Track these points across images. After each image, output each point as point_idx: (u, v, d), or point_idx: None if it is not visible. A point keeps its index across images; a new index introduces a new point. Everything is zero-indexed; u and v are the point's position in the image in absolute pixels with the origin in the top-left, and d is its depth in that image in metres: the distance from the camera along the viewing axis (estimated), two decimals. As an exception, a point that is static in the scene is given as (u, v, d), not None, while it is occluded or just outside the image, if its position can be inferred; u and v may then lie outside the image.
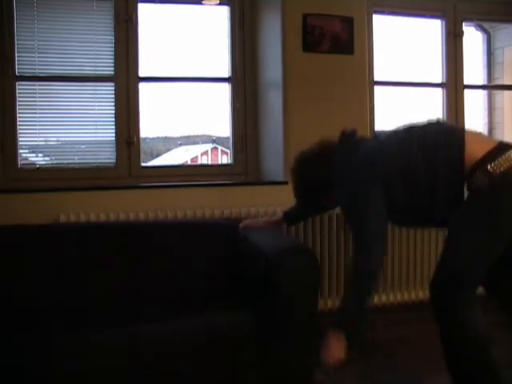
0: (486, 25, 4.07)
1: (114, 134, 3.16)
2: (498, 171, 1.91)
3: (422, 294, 3.32)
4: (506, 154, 1.94)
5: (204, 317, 2.22)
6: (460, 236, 1.99)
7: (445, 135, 2.05)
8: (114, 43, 3.14)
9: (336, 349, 1.93)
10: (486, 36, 4.11)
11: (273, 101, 3.26)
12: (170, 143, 3.94)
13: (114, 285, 2.48)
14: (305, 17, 3.14)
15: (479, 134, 2.22)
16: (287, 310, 2.18)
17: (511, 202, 1.93)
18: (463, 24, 3.75)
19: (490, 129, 4.13)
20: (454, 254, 1.99)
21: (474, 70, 3.96)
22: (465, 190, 1.97)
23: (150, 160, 3.64)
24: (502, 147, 1.98)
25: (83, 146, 3.21)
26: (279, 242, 2.44)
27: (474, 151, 1.96)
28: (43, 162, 3.12)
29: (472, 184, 1.94)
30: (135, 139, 3.18)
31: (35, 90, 3.07)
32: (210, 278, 2.60)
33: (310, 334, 2.22)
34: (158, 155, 3.83)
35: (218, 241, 2.68)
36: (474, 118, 4.09)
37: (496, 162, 1.92)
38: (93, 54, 3.13)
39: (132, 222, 2.85)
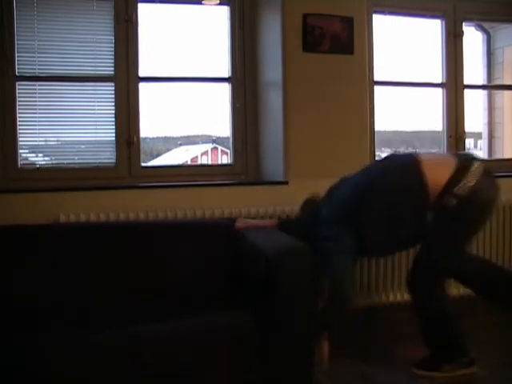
0: (486, 25, 4.07)
1: (113, 134, 3.16)
2: (463, 192, 2.27)
3: (422, 293, 3.32)
4: (470, 171, 2.29)
5: (204, 317, 2.22)
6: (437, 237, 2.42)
7: (403, 175, 2.42)
8: (114, 43, 3.14)
9: (326, 348, 2.33)
10: (485, 36, 4.12)
11: (273, 101, 3.25)
12: (170, 143, 3.94)
13: (114, 285, 2.48)
14: (305, 17, 3.14)
15: (434, 158, 2.56)
16: (287, 310, 2.18)
17: (476, 213, 2.37)
18: (463, 24, 3.75)
19: (490, 129, 4.14)
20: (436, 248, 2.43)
21: (474, 69, 3.96)
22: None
23: (150, 160, 3.64)
24: (465, 165, 2.34)
25: (83, 146, 3.21)
26: (279, 242, 2.44)
27: (437, 179, 2.32)
28: (43, 162, 3.12)
29: (441, 207, 2.31)
30: (135, 139, 3.18)
31: (35, 90, 3.07)
32: (210, 278, 2.60)
33: (309, 334, 2.23)
34: (158, 155, 3.83)
35: (217, 241, 2.68)
36: (474, 118, 4.09)
37: (462, 184, 2.27)
38: (93, 54, 3.13)
39: (132, 222, 2.85)
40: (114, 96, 3.15)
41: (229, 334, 2.16)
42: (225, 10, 3.38)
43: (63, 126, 3.14)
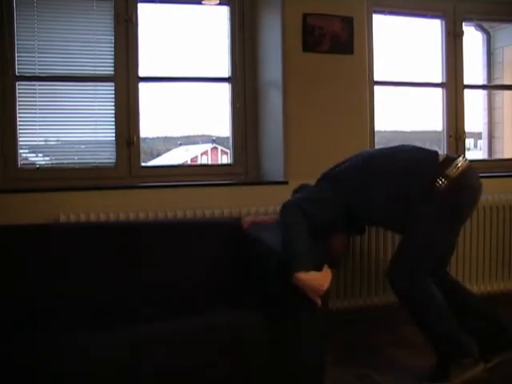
0: (485, 25, 4.08)
1: (113, 134, 3.16)
2: (453, 174, 2.38)
3: (422, 294, 3.32)
4: (457, 160, 2.41)
5: (204, 317, 2.22)
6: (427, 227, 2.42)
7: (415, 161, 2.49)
8: (114, 43, 3.14)
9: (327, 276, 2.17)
10: (485, 36, 4.12)
11: (273, 101, 3.26)
12: (170, 143, 3.94)
13: (114, 285, 2.48)
14: (305, 17, 3.14)
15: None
16: (294, 310, 2.17)
17: (465, 199, 2.45)
18: (463, 24, 3.76)
19: (490, 129, 4.14)
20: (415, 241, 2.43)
21: (473, 69, 3.97)
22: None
23: (150, 160, 3.64)
24: (451, 157, 2.48)
25: (83, 146, 3.20)
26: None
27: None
28: (43, 162, 3.12)
29: (430, 192, 2.37)
30: (135, 139, 3.18)
31: (35, 89, 3.07)
32: (210, 278, 2.60)
33: (318, 335, 2.21)
34: (158, 155, 3.83)
35: (218, 241, 2.68)
36: (474, 118, 4.09)
37: (451, 167, 2.39)
38: (93, 54, 3.13)
39: (132, 222, 2.85)
40: (113, 96, 3.15)
41: (229, 334, 2.16)
42: (225, 10, 3.39)
43: (63, 126, 3.14)
